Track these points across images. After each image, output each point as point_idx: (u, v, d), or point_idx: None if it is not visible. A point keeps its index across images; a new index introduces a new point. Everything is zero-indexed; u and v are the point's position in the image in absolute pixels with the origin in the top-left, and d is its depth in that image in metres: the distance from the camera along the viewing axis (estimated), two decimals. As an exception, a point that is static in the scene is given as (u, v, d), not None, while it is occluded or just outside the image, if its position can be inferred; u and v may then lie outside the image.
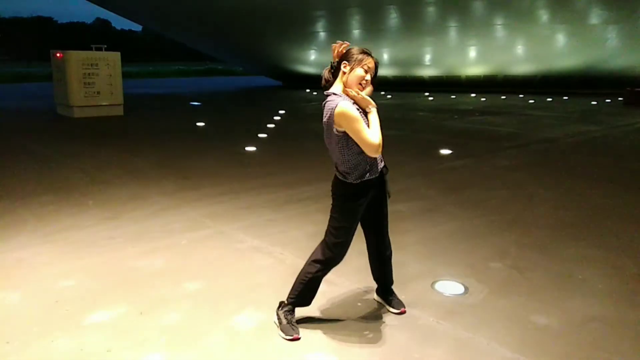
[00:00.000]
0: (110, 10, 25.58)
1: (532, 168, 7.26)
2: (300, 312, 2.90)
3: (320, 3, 21.29)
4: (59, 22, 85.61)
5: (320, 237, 2.87)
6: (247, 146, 8.64)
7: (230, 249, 4.02)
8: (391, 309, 3.03)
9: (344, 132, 2.55)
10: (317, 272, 2.77)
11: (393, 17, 21.62)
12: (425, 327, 2.86)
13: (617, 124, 12.52)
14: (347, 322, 2.91)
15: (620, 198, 5.64)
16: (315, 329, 2.83)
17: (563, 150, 8.87)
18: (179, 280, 3.43)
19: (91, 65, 11.91)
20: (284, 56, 25.19)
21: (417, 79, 23.95)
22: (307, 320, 2.91)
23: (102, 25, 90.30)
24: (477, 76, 23.13)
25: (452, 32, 21.83)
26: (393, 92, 22.84)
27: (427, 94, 22.40)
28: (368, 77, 2.61)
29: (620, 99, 19.84)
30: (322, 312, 3.03)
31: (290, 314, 2.82)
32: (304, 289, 2.80)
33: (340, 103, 2.51)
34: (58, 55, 11.95)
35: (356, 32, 22.72)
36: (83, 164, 7.09)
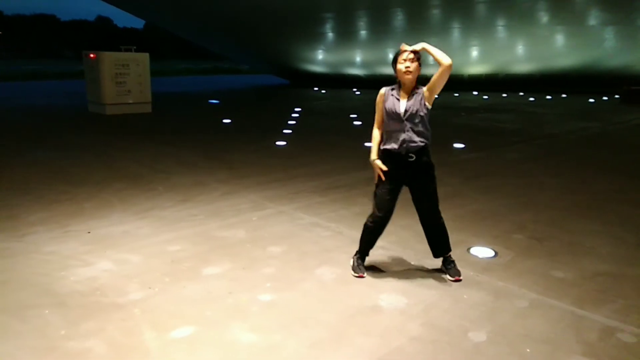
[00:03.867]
0: (119, 7, 26.18)
1: (540, 160, 8.06)
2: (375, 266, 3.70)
3: (329, 5, 22.03)
4: (61, 19, 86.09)
5: (364, 216, 3.66)
6: (277, 141, 9.41)
7: (294, 224, 4.80)
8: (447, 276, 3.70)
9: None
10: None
11: (399, 19, 22.40)
12: (467, 278, 3.64)
13: (615, 121, 13.33)
14: (409, 274, 3.70)
15: (619, 185, 6.44)
16: (386, 277, 3.62)
17: (566, 144, 9.67)
18: (263, 245, 4.21)
19: (122, 65, 12.65)
20: (292, 55, 25.95)
21: (421, 77, 24.70)
22: (380, 272, 3.71)
23: (104, 23, 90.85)
24: (479, 75, 23.93)
25: (456, 33, 22.63)
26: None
27: (431, 92, 23.20)
28: (407, 64, 3.35)
29: (616, 97, 20.68)
30: (390, 266, 3.82)
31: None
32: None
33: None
34: (91, 55, 12.68)
35: (363, 33, 23.50)
36: (136, 156, 7.85)
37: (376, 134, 3.63)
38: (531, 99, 20.03)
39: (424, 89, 3.49)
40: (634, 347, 2.80)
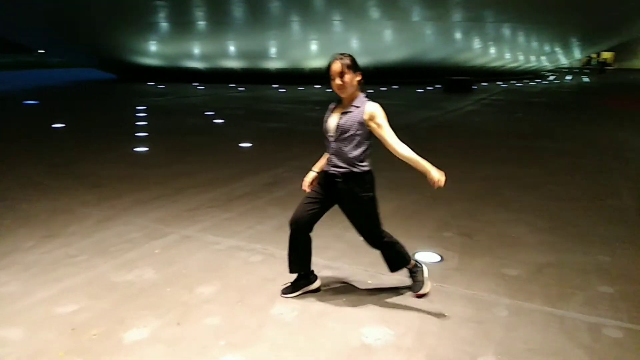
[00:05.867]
0: None
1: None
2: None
3: (161, -8, 20.30)
4: None
5: (286, 228, 3.15)
6: (134, 147, 8.13)
7: (211, 250, 4.00)
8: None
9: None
10: None
11: (239, 10, 21.67)
12: (434, 291, 3.35)
13: (451, 109, 14.66)
14: (374, 297, 3.26)
15: (497, 170, 6.86)
16: (352, 305, 3.12)
17: (424, 133, 10.21)
18: (187, 286, 3.36)
19: None
20: (120, 47, 23.38)
21: (263, 71, 24.44)
22: (340, 298, 3.19)
23: None
24: (319, 68, 24.46)
25: (295, 26, 22.75)
26: (242, 84, 22.97)
27: (275, 85, 23.04)
28: (338, 81, 2.88)
29: (438, 86, 23.07)
30: (347, 289, 3.32)
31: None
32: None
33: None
34: None
35: (201, 24, 22.19)
36: (-48, 179, 5.99)
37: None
38: (370, 90, 21.15)
39: (370, 111, 2.95)
40: (625, 343, 2.78)
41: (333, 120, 3.01)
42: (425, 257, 3.93)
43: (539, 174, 6.67)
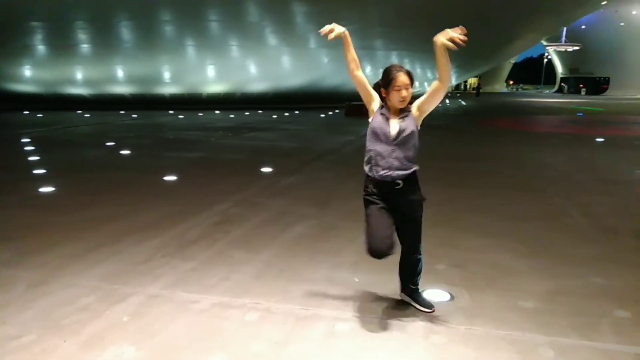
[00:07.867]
0: None
1: (353, 178, 8.07)
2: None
3: (37, 12, 18.22)
4: None
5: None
6: (36, 187, 6.91)
7: (193, 312, 3.32)
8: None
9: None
10: None
11: (127, 33, 20.27)
12: (470, 337, 3.06)
13: (362, 133, 14.84)
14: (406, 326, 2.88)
15: (444, 193, 6.81)
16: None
17: (353, 159, 10.11)
18: (190, 365, 2.69)
19: None
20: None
21: (157, 96, 23.06)
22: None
23: None
24: (217, 94, 23.77)
25: (191, 51, 21.88)
26: (133, 111, 21.38)
27: (171, 112, 21.80)
28: (404, 92, 3.01)
29: (337, 111, 23.57)
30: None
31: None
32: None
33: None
34: None
35: (85, 47, 20.36)
36: None
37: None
38: (274, 116, 20.88)
39: (413, 107, 3.14)
40: (679, 373, 2.71)
41: (394, 126, 3.09)
42: (435, 295, 3.64)
43: (484, 196, 6.81)
